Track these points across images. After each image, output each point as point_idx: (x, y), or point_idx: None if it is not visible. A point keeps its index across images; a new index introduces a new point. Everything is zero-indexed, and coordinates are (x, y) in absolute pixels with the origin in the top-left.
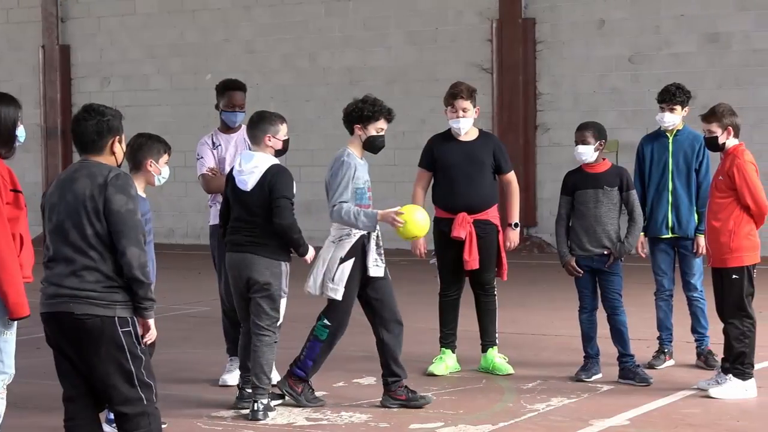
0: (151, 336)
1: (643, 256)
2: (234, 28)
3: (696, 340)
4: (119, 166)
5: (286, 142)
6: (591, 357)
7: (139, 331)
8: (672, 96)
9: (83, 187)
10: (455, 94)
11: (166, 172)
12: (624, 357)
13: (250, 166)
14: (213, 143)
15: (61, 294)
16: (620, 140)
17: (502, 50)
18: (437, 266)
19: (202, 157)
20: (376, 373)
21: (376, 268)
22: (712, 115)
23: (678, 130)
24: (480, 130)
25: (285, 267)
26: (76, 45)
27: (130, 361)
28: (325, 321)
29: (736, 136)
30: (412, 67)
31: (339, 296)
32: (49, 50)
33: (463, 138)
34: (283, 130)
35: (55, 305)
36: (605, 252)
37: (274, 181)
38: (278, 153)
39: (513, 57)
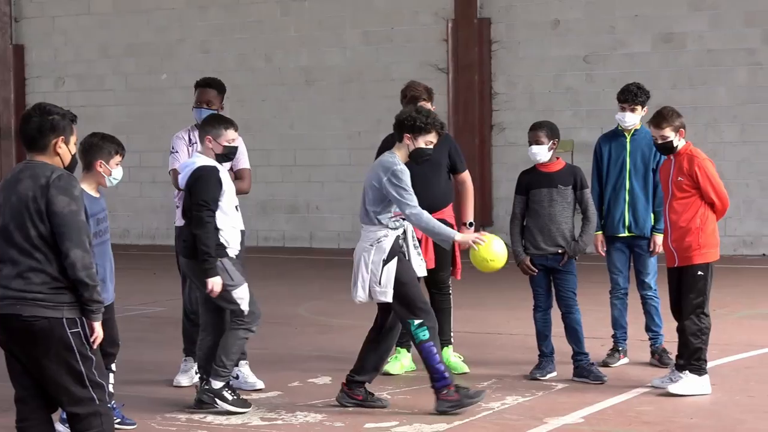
0: (97, 338)
1: (602, 254)
2: (189, 28)
3: (650, 339)
4: (68, 166)
5: (228, 148)
6: (546, 355)
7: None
8: (634, 96)
9: (26, 188)
10: (417, 96)
11: (117, 173)
12: (578, 355)
13: (184, 165)
14: (189, 139)
15: (9, 296)
16: (575, 140)
17: (457, 50)
18: None
19: (176, 151)
20: (331, 372)
21: (420, 267)
22: (663, 121)
23: (636, 130)
24: None
25: (221, 263)
26: (30, 45)
27: (80, 362)
28: (416, 322)
29: (683, 135)
30: (368, 67)
31: (389, 298)
32: (3, 50)
33: None
34: (227, 135)
35: (3, 307)
36: (559, 251)
37: (193, 184)
38: (222, 158)
39: (468, 57)
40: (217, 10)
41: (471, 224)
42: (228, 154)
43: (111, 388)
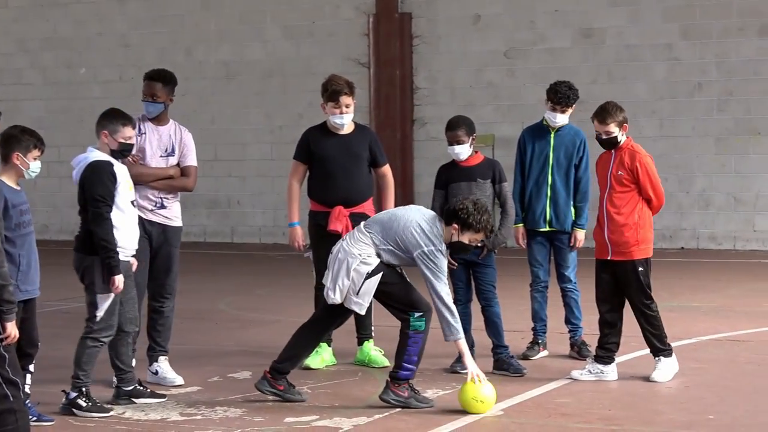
0: (10, 338)
1: (523, 246)
2: (108, 22)
3: (570, 331)
4: None
5: (123, 145)
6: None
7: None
8: (567, 99)
9: None
10: (338, 90)
11: (35, 166)
12: (498, 348)
13: (78, 160)
14: (139, 129)
15: None
16: (496, 134)
17: (379, 45)
18: (313, 260)
19: None
20: (251, 367)
21: None
22: (608, 117)
23: (561, 126)
24: (356, 124)
25: (99, 261)
26: None
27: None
28: (416, 314)
29: (626, 130)
30: (289, 61)
31: (362, 311)
32: None
33: (340, 131)
34: (123, 132)
35: None
36: (478, 244)
37: (86, 179)
38: (116, 154)
39: (390, 51)
40: (136, 3)
41: None
42: (123, 151)
43: (27, 389)
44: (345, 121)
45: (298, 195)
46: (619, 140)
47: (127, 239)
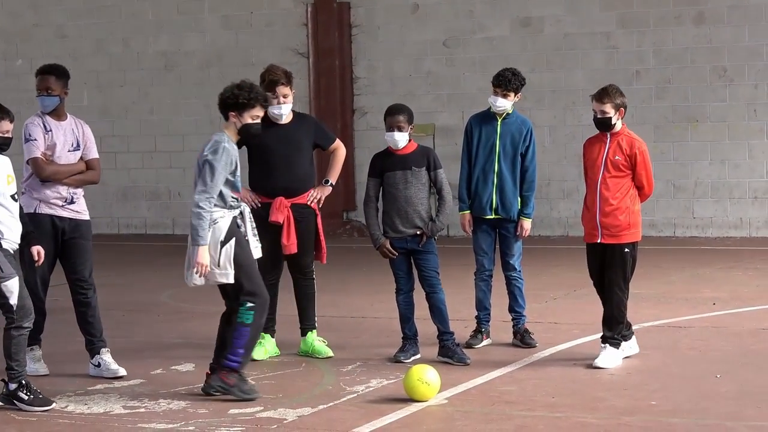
0: None
1: (469, 234)
2: (44, 13)
3: (513, 319)
4: None
5: (2, 139)
6: (409, 338)
7: None
8: (507, 82)
9: None
10: (275, 80)
11: None
12: (444, 335)
13: None
14: (45, 127)
15: None
16: (436, 123)
17: (317, 34)
18: None
19: (35, 139)
20: (194, 359)
21: (256, 250)
22: (606, 96)
23: (507, 114)
24: (294, 112)
25: None
26: None
27: None
28: (248, 304)
29: (623, 116)
30: (228, 51)
31: (230, 279)
32: None
33: (279, 120)
34: (2, 126)
35: None
36: (417, 232)
37: None
38: None
39: (329, 41)
40: None
41: (327, 182)
42: (1, 145)
43: None
44: (283, 111)
45: None
46: (613, 123)
47: (6, 231)
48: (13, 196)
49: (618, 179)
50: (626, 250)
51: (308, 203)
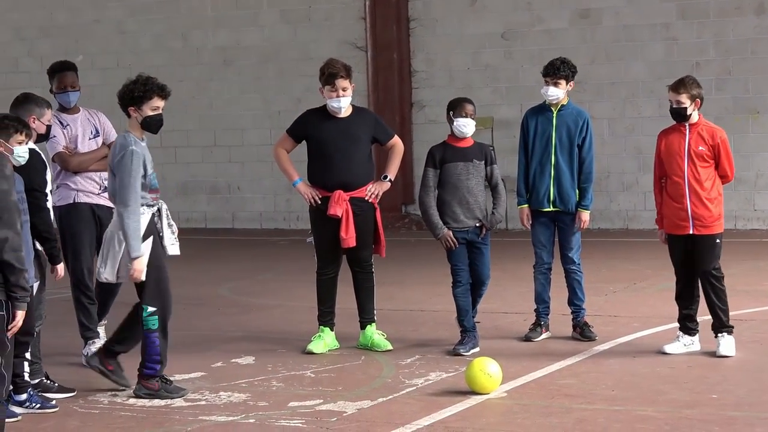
0: (15, 328)
1: (528, 227)
2: (104, 9)
3: (572, 312)
4: None
5: (49, 128)
6: (468, 330)
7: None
8: (556, 70)
9: None
10: (335, 73)
11: (20, 150)
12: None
13: None
14: (61, 123)
15: None
16: (495, 116)
17: (376, 28)
18: (314, 245)
19: (54, 136)
20: (254, 352)
21: (172, 246)
22: (681, 87)
23: (562, 105)
24: (354, 106)
25: None
26: None
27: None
28: (149, 309)
29: (700, 107)
30: (286, 45)
31: (143, 277)
32: None
33: (338, 114)
34: (47, 115)
35: None
36: (477, 224)
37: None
38: (41, 138)
39: (387, 35)
40: None
41: (386, 177)
42: (47, 135)
43: (27, 377)
44: (342, 104)
45: (288, 157)
46: (688, 113)
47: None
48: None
49: (705, 170)
50: (717, 240)
51: (366, 198)
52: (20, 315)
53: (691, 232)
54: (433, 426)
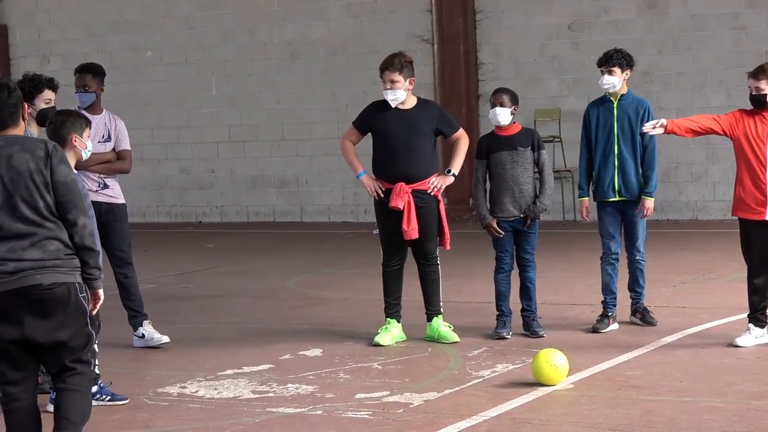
0: (101, 301)
1: (586, 219)
2: (172, 5)
3: (632, 298)
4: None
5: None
6: (506, 315)
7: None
8: (609, 58)
9: (24, 162)
10: (383, 66)
11: (90, 145)
12: (526, 311)
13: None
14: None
15: (24, 267)
16: (562, 108)
17: (441, 20)
18: (379, 237)
19: None
20: (321, 344)
21: None
22: (761, 73)
23: (622, 95)
24: (419, 98)
25: None
26: (13, 24)
27: (89, 325)
28: None
29: None
30: (353, 39)
31: None
32: None
33: (400, 106)
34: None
35: (19, 280)
36: (522, 215)
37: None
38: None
39: (453, 27)
40: None
41: (449, 171)
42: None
43: (96, 369)
44: (392, 96)
45: (354, 149)
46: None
47: None
48: None
49: None
50: None
51: (428, 191)
52: (101, 293)
53: (762, 217)
54: (499, 417)
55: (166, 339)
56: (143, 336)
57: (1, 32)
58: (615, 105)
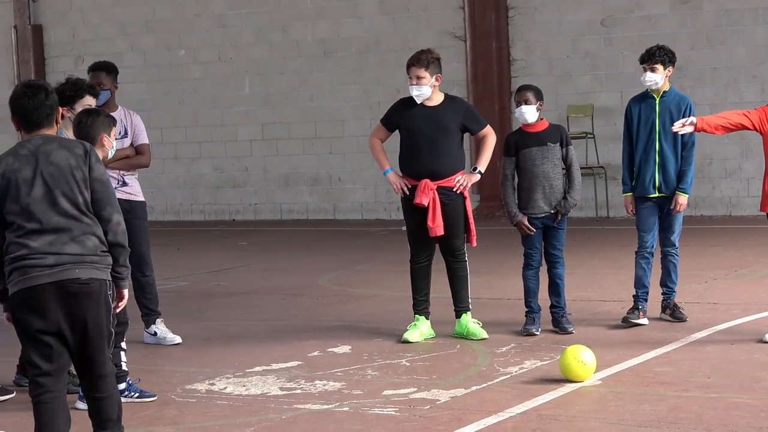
0: (124, 301)
1: (632, 215)
2: (205, 3)
3: (663, 294)
4: None
5: None
6: (535, 311)
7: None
8: (651, 55)
9: (64, 158)
10: (410, 63)
11: (115, 144)
12: (555, 308)
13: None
14: None
15: (65, 261)
16: (595, 104)
17: (474, 17)
18: (406, 234)
19: None
20: (351, 341)
21: None
22: None
23: (664, 92)
24: (446, 95)
25: None
26: (48, 24)
27: (112, 324)
28: None
29: None
30: (385, 36)
31: None
32: (22, 30)
33: (427, 103)
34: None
35: (58, 273)
36: (553, 211)
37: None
38: None
39: (485, 24)
40: None
41: (475, 169)
42: None
43: (124, 366)
44: (418, 92)
45: (382, 147)
46: None
47: None
48: None
49: None
50: None
51: (454, 189)
52: (126, 293)
53: None
54: (526, 414)
55: (178, 339)
56: (155, 334)
57: (35, 32)
58: (657, 101)
